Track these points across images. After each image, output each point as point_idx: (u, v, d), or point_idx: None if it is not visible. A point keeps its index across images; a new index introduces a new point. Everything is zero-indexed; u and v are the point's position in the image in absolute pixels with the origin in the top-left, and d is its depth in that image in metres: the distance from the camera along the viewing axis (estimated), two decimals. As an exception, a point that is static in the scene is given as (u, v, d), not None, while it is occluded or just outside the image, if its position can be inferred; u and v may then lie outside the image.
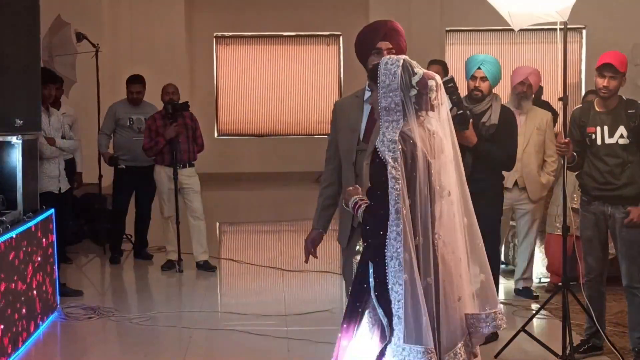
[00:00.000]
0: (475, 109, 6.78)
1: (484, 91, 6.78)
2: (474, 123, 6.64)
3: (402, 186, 3.92)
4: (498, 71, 6.81)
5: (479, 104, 6.81)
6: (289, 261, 10.36)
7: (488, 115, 6.74)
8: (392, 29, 5.03)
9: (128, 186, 10.34)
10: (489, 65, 6.78)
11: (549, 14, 6.27)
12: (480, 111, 6.78)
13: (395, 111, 4.04)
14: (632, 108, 6.32)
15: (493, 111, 6.74)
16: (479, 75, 6.78)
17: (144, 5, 17.65)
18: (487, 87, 6.77)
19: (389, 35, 4.99)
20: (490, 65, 6.78)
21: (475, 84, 6.81)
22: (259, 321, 7.75)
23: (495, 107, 6.76)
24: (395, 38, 4.98)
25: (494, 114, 6.73)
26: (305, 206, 15.64)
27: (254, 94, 19.23)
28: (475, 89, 6.81)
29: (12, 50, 7.53)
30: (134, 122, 10.29)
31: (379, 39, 4.97)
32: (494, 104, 6.79)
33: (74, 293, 8.59)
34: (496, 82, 6.81)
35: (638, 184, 6.28)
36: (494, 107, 6.77)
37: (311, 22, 18.81)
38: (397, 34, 5.01)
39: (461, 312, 4.16)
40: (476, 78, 6.80)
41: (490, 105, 6.78)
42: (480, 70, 6.78)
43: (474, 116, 6.70)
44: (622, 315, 7.38)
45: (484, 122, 6.72)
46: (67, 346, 7.41)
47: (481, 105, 6.80)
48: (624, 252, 6.36)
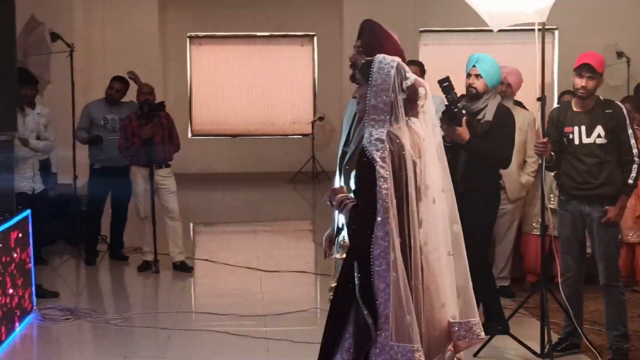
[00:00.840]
0: (472, 107, 6.84)
1: (479, 88, 6.83)
2: (469, 121, 6.70)
3: (390, 185, 3.93)
4: (494, 69, 6.85)
5: (477, 101, 6.85)
6: (266, 261, 10.35)
7: (483, 113, 6.78)
8: (364, 28, 5.05)
9: (103, 187, 10.27)
10: (484, 63, 6.84)
11: (527, 14, 6.30)
12: (477, 109, 6.83)
13: (383, 111, 4.04)
14: (609, 108, 6.37)
15: (488, 109, 6.80)
16: (474, 72, 6.85)
17: (117, 5, 17.56)
18: (482, 84, 6.83)
19: (360, 33, 5.02)
20: (484, 64, 6.84)
21: (470, 81, 6.86)
22: (237, 321, 7.73)
23: (491, 105, 6.82)
24: (366, 36, 4.99)
25: (489, 112, 6.79)
26: (280, 207, 15.70)
27: (227, 95, 19.19)
28: (469, 86, 6.88)
29: (-13, 50, 7.48)
30: (109, 121, 10.21)
31: (357, 36, 5.00)
32: (491, 102, 6.84)
33: (50, 294, 8.53)
34: (493, 80, 6.85)
35: (615, 184, 6.33)
36: (490, 105, 6.82)
37: (285, 23, 18.80)
38: (369, 32, 5.01)
39: (445, 320, 4.17)
40: (471, 75, 6.87)
41: (486, 104, 6.82)
42: (475, 68, 6.84)
43: (471, 114, 6.76)
44: (599, 313, 7.43)
45: (479, 119, 6.78)
46: (44, 347, 7.37)
47: (478, 103, 6.85)
48: (601, 251, 6.40)
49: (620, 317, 6.45)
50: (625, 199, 6.37)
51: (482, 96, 6.85)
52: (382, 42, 4.80)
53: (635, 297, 8.32)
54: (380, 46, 4.68)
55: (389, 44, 4.81)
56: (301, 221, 14.95)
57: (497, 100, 6.90)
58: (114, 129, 10.09)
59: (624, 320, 6.46)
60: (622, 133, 6.32)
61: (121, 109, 10.25)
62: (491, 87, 6.85)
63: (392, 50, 4.61)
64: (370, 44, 4.83)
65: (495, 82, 6.88)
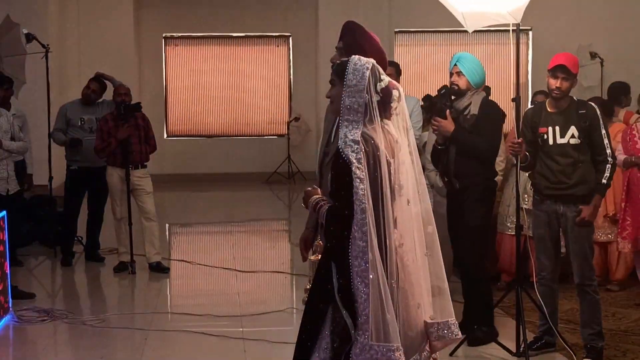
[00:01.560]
0: (458, 105, 6.91)
1: (461, 85, 6.89)
2: (455, 118, 6.80)
3: (366, 186, 3.95)
4: (475, 67, 6.91)
5: (461, 99, 6.91)
6: (242, 262, 10.36)
7: (469, 109, 6.85)
8: (346, 29, 5.08)
9: (80, 188, 10.26)
10: (464, 61, 6.91)
11: (502, 15, 6.35)
12: (463, 106, 6.89)
13: (357, 112, 4.06)
14: (582, 108, 6.43)
15: (473, 104, 6.86)
16: (455, 71, 6.91)
17: (92, 5, 17.51)
18: (464, 82, 6.88)
19: (342, 35, 5.04)
20: (465, 62, 6.91)
21: (452, 79, 6.94)
22: (214, 322, 7.74)
23: (476, 100, 6.87)
24: (346, 37, 5.01)
25: (474, 106, 6.85)
26: (255, 207, 15.70)
27: (203, 95, 19.17)
28: (452, 84, 6.95)
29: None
30: (85, 122, 10.17)
31: (339, 37, 5.03)
32: (475, 97, 6.90)
33: (26, 296, 8.50)
34: (475, 77, 6.89)
35: (589, 183, 6.38)
36: (475, 100, 6.88)
37: (261, 23, 18.80)
38: (349, 32, 5.04)
39: (421, 319, 4.20)
40: (453, 74, 6.93)
41: (471, 100, 6.88)
42: (457, 66, 6.90)
43: (457, 112, 6.85)
44: (573, 312, 7.50)
45: (465, 115, 6.85)
46: (20, 349, 7.33)
47: (464, 100, 6.90)
48: (575, 250, 6.45)
49: (594, 315, 6.50)
50: (599, 199, 6.42)
51: (465, 93, 6.90)
52: (363, 44, 4.82)
53: (609, 296, 8.41)
54: (361, 48, 4.69)
55: (370, 46, 4.83)
56: (277, 221, 14.96)
57: (482, 96, 6.96)
58: (91, 129, 10.06)
59: (598, 318, 6.52)
60: (595, 133, 6.38)
61: (97, 109, 10.23)
62: (474, 83, 6.88)
63: (373, 53, 4.63)
64: (351, 45, 4.85)
65: (478, 79, 6.91)
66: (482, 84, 7.01)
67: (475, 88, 6.92)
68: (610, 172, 6.37)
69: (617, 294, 8.52)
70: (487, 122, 6.79)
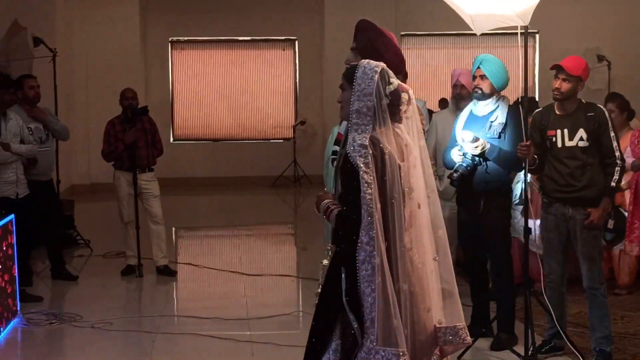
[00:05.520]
0: (481, 110, 6.84)
1: (484, 89, 6.78)
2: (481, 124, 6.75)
3: (374, 190, 3.94)
4: (499, 69, 6.79)
5: (484, 102, 6.84)
6: (248, 265, 10.37)
7: (495, 115, 6.78)
8: (357, 28, 5.07)
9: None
10: (488, 63, 6.80)
11: (510, 18, 6.33)
12: (487, 112, 6.83)
13: (366, 115, 4.05)
14: (591, 111, 6.41)
15: (500, 110, 6.78)
16: (478, 74, 6.80)
17: (99, 10, 17.56)
18: (487, 85, 6.78)
19: (355, 34, 5.03)
20: (489, 64, 6.80)
21: (475, 82, 6.85)
22: (222, 325, 7.74)
23: (502, 107, 6.79)
24: (359, 37, 5.01)
25: (502, 114, 6.76)
26: (262, 211, 15.70)
27: (209, 99, 19.19)
28: (475, 88, 6.86)
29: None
30: (33, 131, 9.27)
31: (353, 37, 5.01)
32: (501, 104, 6.82)
33: (34, 299, 8.53)
34: (499, 80, 6.79)
35: (598, 186, 6.36)
36: (501, 106, 6.80)
37: (267, 27, 18.82)
38: (361, 33, 5.04)
39: (431, 323, 4.19)
40: (476, 77, 6.84)
41: (497, 106, 6.81)
42: (480, 69, 6.80)
43: (481, 118, 6.81)
44: (582, 315, 7.49)
45: (492, 122, 6.77)
46: (29, 352, 7.34)
47: (488, 106, 6.83)
48: (584, 254, 6.43)
49: (603, 319, 6.48)
50: (607, 202, 6.40)
51: (488, 97, 6.82)
52: (377, 45, 4.81)
53: (617, 299, 8.38)
54: (375, 48, 4.69)
55: (384, 46, 4.81)
56: (283, 225, 14.96)
57: (507, 102, 6.88)
58: (41, 139, 9.36)
59: (607, 322, 6.50)
60: (604, 136, 6.35)
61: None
62: (498, 87, 6.80)
63: (388, 52, 4.63)
64: (365, 46, 4.84)
65: (502, 83, 6.81)
66: (505, 87, 6.91)
67: (498, 91, 6.85)
68: (619, 174, 6.35)
69: (625, 297, 8.50)
70: (514, 132, 6.63)
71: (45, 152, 9.39)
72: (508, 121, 6.72)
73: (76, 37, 17.41)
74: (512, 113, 6.74)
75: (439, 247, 4.27)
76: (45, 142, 9.45)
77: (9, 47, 11.06)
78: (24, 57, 11.21)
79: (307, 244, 12.11)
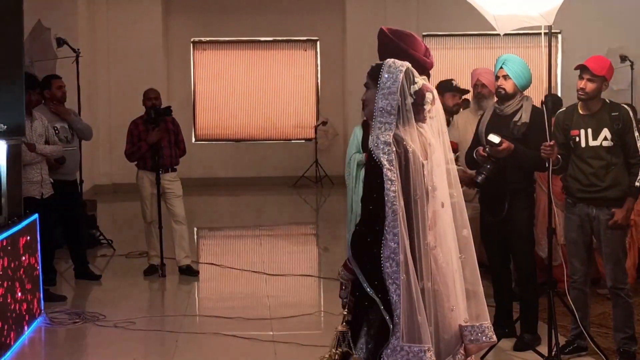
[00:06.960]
0: (504, 109, 6.83)
1: (507, 89, 6.77)
2: (504, 125, 6.74)
3: (397, 188, 3.94)
4: (522, 69, 6.78)
5: (508, 103, 6.82)
6: (270, 265, 10.38)
7: (519, 115, 6.77)
8: (378, 37, 5.07)
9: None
10: (511, 63, 6.79)
11: (533, 18, 6.31)
12: (511, 111, 6.81)
13: (390, 114, 4.05)
14: (615, 111, 6.38)
15: (524, 110, 6.76)
16: (501, 74, 6.80)
17: (121, 11, 17.66)
18: (510, 85, 6.77)
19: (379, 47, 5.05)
20: (511, 64, 6.79)
21: (499, 82, 6.84)
22: (244, 325, 7.75)
23: (526, 107, 6.78)
24: (380, 51, 5.02)
25: (525, 113, 6.75)
26: (283, 211, 15.74)
27: (231, 99, 19.24)
28: (498, 88, 6.85)
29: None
30: (59, 130, 9.44)
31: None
32: (525, 103, 6.81)
33: (58, 298, 8.58)
34: (522, 80, 6.78)
35: (622, 186, 6.34)
36: (525, 106, 6.78)
37: (288, 27, 18.86)
38: (379, 43, 5.05)
39: (455, 322, 4.19)
40: (499, 77, 6.83)
41: (521, 105, 6.80)
42: (503, 69, 6.79)
43: (504, 117, 6.80)
44: (605, 316, 7.46)
45: (516, 122, 6.76)
46: (52, 351, 7.39)
47: (512, 106, 6.82)
48: (608, 254, 6.41)
49: (627, 319, 6.46)
50: (632, 202, 6.37)
51: (512, 97, 6.81)
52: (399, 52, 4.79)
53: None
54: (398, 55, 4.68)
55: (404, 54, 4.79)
56: (304, 225, 14.97)
57: (531, 102, 6.87)
58: (67, 138, 9.50)
59: (631, 322, 6.48)
60: (628, 135, 6.32)
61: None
62: (521, 87, 6.78)
63: (413, 55, 4.63)
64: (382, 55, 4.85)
65: (525, 82, 6.80)
66: (528, 87, 6.89)
67: (521, 91, 6.83)
68: (644, 174, 6.33)
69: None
70: (538, 132, 6.54)
71: (72, 151, 9.49)
72: (532, 123, 6.70)
73: (99, 37, 17.50)
74: (536, 115, 6.72)
75: (464, 247, 4.25)
76: (71, 142, 9.59)
77: (33, 48, 11.12)
78: (48, 58, 11.26)
79: (328, 245, 12.12)
